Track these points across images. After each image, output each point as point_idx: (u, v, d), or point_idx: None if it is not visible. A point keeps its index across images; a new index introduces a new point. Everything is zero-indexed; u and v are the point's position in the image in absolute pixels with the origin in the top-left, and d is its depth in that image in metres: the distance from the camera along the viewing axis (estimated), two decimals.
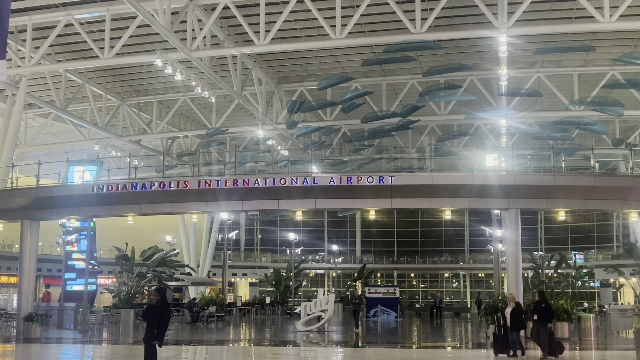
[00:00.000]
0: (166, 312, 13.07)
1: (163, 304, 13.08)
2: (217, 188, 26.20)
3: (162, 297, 13.24)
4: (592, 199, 25.96)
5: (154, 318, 12.94)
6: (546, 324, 18.34)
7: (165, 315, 13.03)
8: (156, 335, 12.77)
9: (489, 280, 66.73)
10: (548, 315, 18.55)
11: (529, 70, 33.74)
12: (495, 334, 19.12)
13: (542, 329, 18.31)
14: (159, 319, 13.06)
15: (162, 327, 12.86)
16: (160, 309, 13.07)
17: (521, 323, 18.81)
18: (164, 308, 13.03)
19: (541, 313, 18.50)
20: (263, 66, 35.16)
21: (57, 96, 34.21)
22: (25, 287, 28.55)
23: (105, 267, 44.85)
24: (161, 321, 12.92)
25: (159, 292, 13.51)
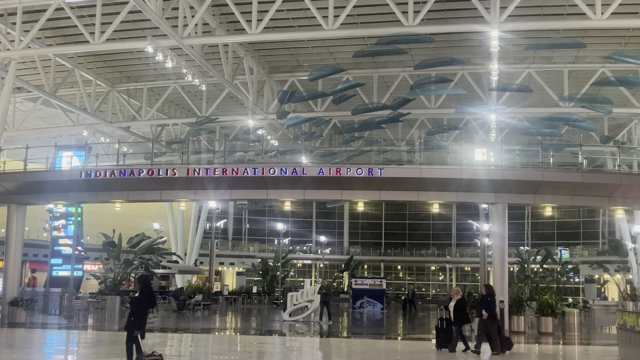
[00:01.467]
0: (144, 301, 12.99)
1: (142, 293, 13.04)
2: (206, 176, 26.16)
3: (142, 285, 13.21)
4: (579, 196, 26.17)
5: (132, 306, 12.98)
6: (492, 318, 17.84)
7: (143, 303, 12.95)
8: (133, 324, 12.72)
9: (475, 274, 67.07)
10: (493, 309, 18.09)
11: (520, 66, 33.81)
12: (438, 328, 18.69)
13: (490, 324, 17.77)
14: (136, 306, 13.07)
15: (139, 315, 12.79)
16: (139, 297, 13.08)
17: (464, 317, 18.33)
18: (142, 297, 12.98)
19: (486, 307, 18.03)
20: (254, 55, 35.05)
21: (46, 80, 33.96)
22: (10, 271, 28.42)
23: (91, 254, 44.73)
24: (138, 309, 12.88)
25: (140, 280, 13.52)
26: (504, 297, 24.76)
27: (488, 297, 18.24)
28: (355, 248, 71.37)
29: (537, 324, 25.84)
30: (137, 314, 12.83)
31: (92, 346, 19.54)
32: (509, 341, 18.31)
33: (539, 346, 21.65)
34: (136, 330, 12.58)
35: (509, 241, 27.28)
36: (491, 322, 17.75)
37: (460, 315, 18.13)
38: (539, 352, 20.35)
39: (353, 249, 70.64)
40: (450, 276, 71.52)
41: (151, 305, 13.19)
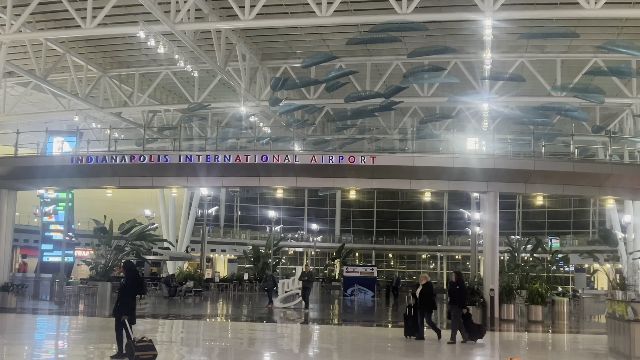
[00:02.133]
0: (130, 286, 13.00)
1: (128, 278, 13.05)
2: (198, 163, 26.11)
3: (128, 271, 13.23)
4: (570, 185, 26.27)
5: (119, 292, 13.02)
6: (459, 306, 17.37)
7: (130, 289, 12.95)
8: (120, 309, 12.73)
9: (466, 262, 67.38)
10: (461, 298, 17.61)
11: (513, 55, 33.82)
12: (406, 315, 18.31)
13: (454, 311, 17.41)
14: (123, 292, 13.10)
15: (126, 301, 12.80)
16: (125, 283, 13.10)
17: (431, 304, 17.84)
18: (128, 282, 12.99)
19: (454, 295, 17.69)
20: (247, 42, 34.89)
21: (37, 65, 33.71)
22: (1, 257, 28.33)
23: (82, 240, 44.62)
24: (125, 295, 12.90)
25: (125, 266, 13.53)
26: (495, 286, 24.90)
27: (457, 284, 17.80)
28: (347, 236, 71.48)
29: (527, 313, 26.00)
30: (124, 299, 12.84)
31: (83, 332, 19.54)
32: (480, 329, 17.95)
33: (529, 334, 21.80)
34: (123, 315, 12.56)
35: (500, 230, 27.40)
36: (458, 311, 17.31)
37: (427, 302, 17.72)
38: (528, 339, 20.49)
39: (345, 237, 70.76)
40: (441, 264, 71.81)
41: (138, 290, 13.16)
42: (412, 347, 16.60)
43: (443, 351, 16.24)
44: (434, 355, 15.56)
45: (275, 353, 15.81)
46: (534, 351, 17.45)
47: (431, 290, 18.08)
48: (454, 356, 15.75)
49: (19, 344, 15.96)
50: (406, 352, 16.01)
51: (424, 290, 17.81)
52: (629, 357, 14.13)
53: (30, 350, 14.98)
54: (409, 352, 16.04)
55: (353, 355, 15.93)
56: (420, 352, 15.96)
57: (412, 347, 16.77)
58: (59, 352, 15.12)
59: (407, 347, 16.57)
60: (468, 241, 54.36)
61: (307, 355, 16.02)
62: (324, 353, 16.62)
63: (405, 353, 15.86)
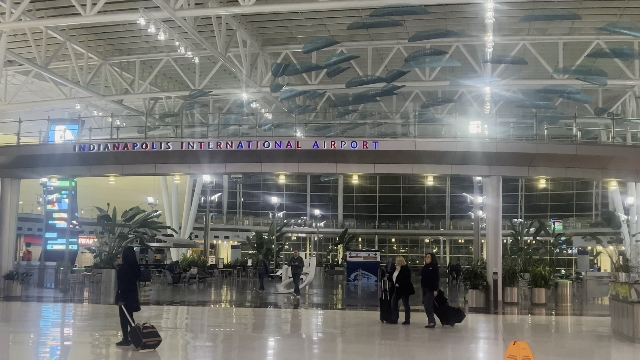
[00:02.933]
0: (123, 272, 13.06)
1: (124, 264, 13.10)
2: (200, 150, 26.10)
3: (124, 257, 13.29)
4: (572, 168, 26.22)
5: (118, 279, 13.09)
6: (430, 289, 16.99)
7: (127, 275, 13.01)
8: (118, 296, 12.80)
9: (469, 246, 67.53)
10: (433, 281, 17.14)
11: (515, 38, 33.68)
12: (382, 300, 17.94)
13: (426, 295, 17.01)
14: (120, 278, 13.16)
15: (125, 287, 12.86)
16: (121, 269, 13.18)
17: (408, 287, 17.41)
18: (124, 268, 13.04)
19: (427, 278, 17.28)
20: (248, 28, 34.76)
21: (37, 53, 33.64)
22: (5, 245, 28.45)
23: (86, 227, 44.75)
24: (122, 281, 12.96)
25: (123, 252, 13.59)
26: (498, 269, 24.93)
27: (430, 266, 17.38)
28: (350, 221, 71.62)
29: (530, 295, 26.06)
30: (122, 286, 12.90)
31: (88, 319, 19.65)
32: (459, 313, 17.54)
33: (532, 317, 21.86)
34: (120, 301, 12.61)
35: (503, 213, 27.38)
36: (430, 294, 16.95)
37: (404, 285, 17.33)
38: (531, 322, 20.55)
39: (347, 222, 70.90)
40: (444, 248, 71.97)
41: (136, 275, 13.20)
42: (402, 332, 16.61)
43: (437, 335, 16.27)
44: (437, 340, 15.60)
45: (280, 338, 15.88)
46: (538, 334, 17.49)
47: (408, 274, 17.64)
48: (457, 340, 15.79)
49: (25, 332, 16.06)
50: (399, 336, 16.05)
51: (400, 275, 17.45)
52: (632, 339, 14.17)
53: (36, 338, 15.07)
54: (401, 336, 16.08)
55: (330, 339, 15.99)
56: (416, 337, 15.99)
57: (401, 331, 16.56)
58: (64, 340, 15.20)
59: (396, 332, 16.57)
60: (471, 225, 54.45)
61: (307, 339, 16.09)
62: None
63: (398, 338, 15.90)
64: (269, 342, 14.98)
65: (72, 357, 12.80)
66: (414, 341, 15.11)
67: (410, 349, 13.99)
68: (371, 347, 14.51)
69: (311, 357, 13.35)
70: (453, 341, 15.46)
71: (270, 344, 14.74)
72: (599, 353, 14.24)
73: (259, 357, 12.89)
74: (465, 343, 15.46)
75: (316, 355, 13.50)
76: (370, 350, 13.95)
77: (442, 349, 14.19)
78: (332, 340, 15.85)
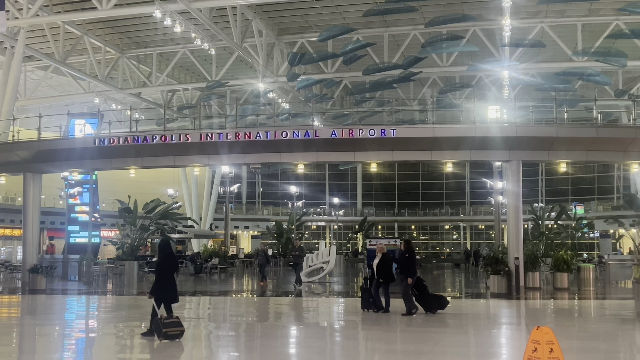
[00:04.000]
0: (159, 264, 13.15)
1: (160, 257, 13.21)
2: (219, 141, 26.17)
3: (160, 249, 13.37)
4: (593, 151, 25.92)
5: (155, 271, 13.17)
6: (405, 276, 16.47)
7: (163, 267, 13.08)
8: (153, 288, 12.95)
9: (489, 231, 67.25)
10: (408, 267, 16.59)
11: (532, 21, 33.35)
12: (363, 288, 17.45)
13: (404, 282, 16.48)
14: (155, 271, 13.27)
15: (159, 279, 12.95)
16: (157, 261, 13.28)
17: (389, 275, 16.97)
18: (161, 261, 13.14)
19: (402, 265, 16.79)
20: (263, 17, 34.74)
21: (55, 48, 33.91)
22: (29, 239, 28.80)
23: (108, 220, 45.14)
24: (158, 273, 13.08)
25: (158, 245, 13.69)
26: (519, 254, 24.80)
27: (406, 253, 16.81)
28: (369, 209, 71.59)
29: (552, 280, 25.92)
30: (157, 278, 13.02)
31: (112, 310, 19.86)
32: (440, 300, 17.03)
33: (555, 301, 21.76)
34: (151, 294, 12.75)
35: (523, 198, 27.18)
36: (406, 282, 16.44)
37: (384, 273, 16.90)
38: (554, 307, 20.47)
39: (366, 210, 70.86)
40: (464, 235, 71.73)
41: (173, 268, 13.31)
42: (413, 320, 16.59)
43: (458, 321, 16.25)
44: (458, 326, 15.58)
45: (302, 327, 15.96)
46: (561, 318, 17.43)
47: (390, 262, 17.28)
48: (479, 326, 15.77)
49: (51, 324, 16.28)
50: (411, 324, 16.03)
51: (380, 263, 17.01)
52: None
53: (61, 330, 15.28)
54: (415, 324, 16.07)
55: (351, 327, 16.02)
56: (435, 324, 15.96)
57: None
58: (89, 331, 15.40)
59: (404, 320, 16.55)
60: (491, 210, 54.17)
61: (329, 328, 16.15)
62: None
63: (412, 325, 15.89)
64: (290, 331, 15.07)
65: (97, 349, 12.96)
66: (433, 328, 15.10)
67: (430, 335, 13.99)
68: (391, 334, 14.54)
69: (331, 345, 13.41)
70: (474, 327, 15.45)
71: (291, 333, 14.83)
72: (622, 337, 14.14)
73: (281, 345, 12.96)
74: (487, 329, 15.44)
75: (338, 344, 13.56)
76: (391, 337, 13.98)
77: (464, 335, 14.18)
78: (353, 328, 15.90)
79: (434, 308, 16.61)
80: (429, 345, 12.44)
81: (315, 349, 12.47)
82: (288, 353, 12.28)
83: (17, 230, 45.36)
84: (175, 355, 11.70)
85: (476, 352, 12.27)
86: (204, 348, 12.84)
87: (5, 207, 48.36)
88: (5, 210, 48.21)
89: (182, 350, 12.06)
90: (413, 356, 11.49)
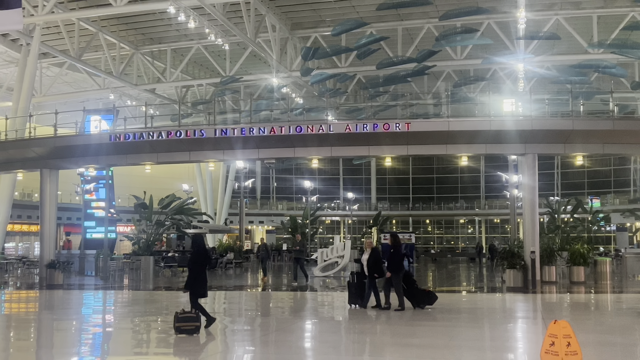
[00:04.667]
0: (192, 259, 13.38)
1: (193, 251, 13.46)
2: (233, 136, 26.23)
3: (194, 245, 13.64)
4: (610, 143, 25.72)
5: (188, 266, 13.50)
6: (390, 270, 16.18)
7: (190, 262, 13.37)
8: (186, 283, 13.22)
9: (505, 225, 66.95)
10: (392, 262, 16.30)
11: (548, 13, 33.11)
12: (350, 283, 17.08)
13: (394, 277, 16.17)
14: (188, 266, 13.60)
15: (192, 274, 13.20)
16: (191, 256, 13.54)
17: (379, 271, 16.52)
18: (193, 255, 13.40)
19: (389, 259, 16.43)
20: (276, 12, 34.74)
21: (70, 45, 34.11)
22: (46, 235, 29.03)
23: (123, 215, 45.43)
24: (191, 268, 13.32)
25: (192, 240, 13.98)
26: (535, 248, 24.69)
27: (392, 248, 16.54)
28: (383, 203, 71.49)
29: (568, 274, 25.80)
30: (190, 273, 13.27)
31: (129, 305, 20.00)
32: (429, 295, 16.72)
33: (571, 295, 21.66)
34: (186, 289, 13.07)
35: (539, 191, 27.03)
36: (395, 276, 16.18)
37: (374, 269, 16.48)
38: (571, 301, 20.36)
39: (381, 205, 70.77)
40: (479, 229, 71.45)
41: (205, 263, 13.52)
42: (427, 314, 16.56)
43: (473, 315, 16.18)
44: (475, 320, 15.54)
45: (317, 321, 15.99)
46: (578, 312, 17.34)
47: (379, 257, 16.86)
48: (496, 320, 15.72)
49: (68, 319, 16.42)
50: (428, 318, 16.01)
51: (370, 258, 16.61)
52: None
53: (78, 325, 15.41)
54: (430, 318, 16.04)
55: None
56: (446, 319, 15.93)
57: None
58: (106, 326, 15.51)
59: (416, 314, 16.53)
60: (506, 204, 53.95)
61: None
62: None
63: (428, 319, 15.86)
64: (306, 325, 15.11)
65: (114, 343, 13.06)
66: (448, 322, 15.07)
67: (447, 329, 13.96)
68: (410, 328, 14.52)
69: (345, 340, 13.42)
70: (490, 321, 15.41)
71: (307, 327, 14.86)
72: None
73: (297, 339, 12.99)
74: (504, 323, 15.39)
75: (352, 339, 13.58)
76: (405, 332, 13.97)
77: (479, 329, 14.15)
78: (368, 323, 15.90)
79: (422, 303, 16.39)
80: (445, 339, 12.41)
81: (331, 344, 12.49)
82: (303, 347, 12.31)
83: (34, 226, 45.77)
84: (190, 349, 11.75)
85: (492, 346, 12.24)
86: (219, 342, 12.88)
87: (22, 203, 48.81)
88: (22, 207, 48.65)
89: (198, 344, 12.13)
90: (429, 350, 11.48)
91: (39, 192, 30.41)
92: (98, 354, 11.83)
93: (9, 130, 30.39)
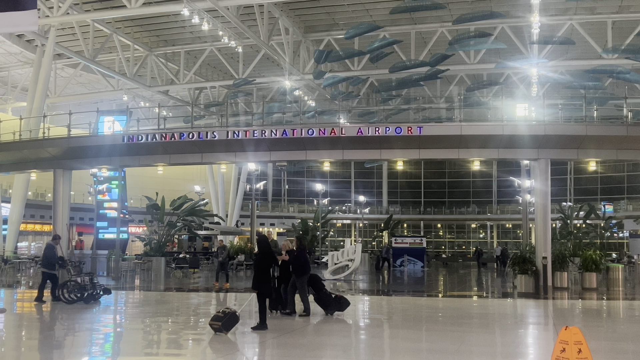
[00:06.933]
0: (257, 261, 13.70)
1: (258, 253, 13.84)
2: (245, 139, 26.31)
3: (259, 246, 13.93)
4: (624, 149, 25.59)
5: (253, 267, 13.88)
6: (295, 274, 15.56)
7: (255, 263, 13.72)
8: (253, 283, 13.50)
9: (517, 230, 66.68)
10: (296, 266, 15.64)
11: (562, 18, 32.99)
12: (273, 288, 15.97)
13: (298, 282, 15.57)
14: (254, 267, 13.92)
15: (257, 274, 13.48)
16: (255, 257, 13.78)
17: (286, 275, 15.75)
18: (257, 256, 13.76)
19: (292, 262, 15.69)
20: (290, 15, 34.83)
21: (85, 46, 34.34)
22: (59, 234, 29.13)
23: (136, 216, 45.62)
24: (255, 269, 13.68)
25: (257, 241, 14.27)
26: (547, 254, 24.58)
27: (295, 252, 15.76)
28: (395, 207, 71.40)
29: (580, 280, 25.64)
30: (256, 273, 13.57)
31: (141, 306, 20.07)
32: (340, 301, 16.03)
33: (583, 302, 21.52)
34: (253, 289, 13.39)
35: (551, 197, 26.91)
36: (299, 281, 15.56)
37: (285, 273, 15.80)
38: (582, 307, 20.24)
39: (392, 208, 70.68)
40: (491, 233, 71.19)
41: (270, 264, 13.72)
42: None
43: (482, 320, 16.08)
44: (485, 325, 15.47)
45: (326, 323, 15.98)
46: (590, 319, 17.23)
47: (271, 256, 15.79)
48: (506, 325, 15.63)
49: (80, 319, 16.48)
50: (435, 319, 15.95)
51: (284, 262, 15.78)
52: None
53: (90, 325, 15.48)
54: (429, 321, 15.98)
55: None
56: (455, 323, 15.86)
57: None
58: (117, 326, 15.58)
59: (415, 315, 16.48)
60: (519, 209, 53.71)
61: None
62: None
63: (434, 321, 15.81)
64: (316, 326, 15.10)
65: (125, 343, 13.11)
66: (459, 327, 15.02)
67: (457, 334, 13.92)
68: (413, 332, 14.49)
69: (358, 342, 13.42)
70: (501, 326, 15.33)
71: (318, 329, 14.86)
72: None
73: (309, 342, 12.99)
74: (514, 328, 15.33)
75: (362, 341, 13.57)
76: (413, 336, 13.94)
77: (491, 334, 14.10)
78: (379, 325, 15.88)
79: (332, 309, 15.82)
80: (456, 344, 12.38)
81: (341, 347, 12.48)
82: (314, 349, 12.31)
83: (47, 225, 46.05)
84: (203, 351, 11.77)
85: (503, 352, 12.19)
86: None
87: (35, 203, 49.13)
88: (35, 206, 48.97)
89: (211, 346, 12.16)
90: (440, 355, 11.45)
91: (52, 192, 30.60)
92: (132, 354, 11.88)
93: (23, 131, 30.63)
